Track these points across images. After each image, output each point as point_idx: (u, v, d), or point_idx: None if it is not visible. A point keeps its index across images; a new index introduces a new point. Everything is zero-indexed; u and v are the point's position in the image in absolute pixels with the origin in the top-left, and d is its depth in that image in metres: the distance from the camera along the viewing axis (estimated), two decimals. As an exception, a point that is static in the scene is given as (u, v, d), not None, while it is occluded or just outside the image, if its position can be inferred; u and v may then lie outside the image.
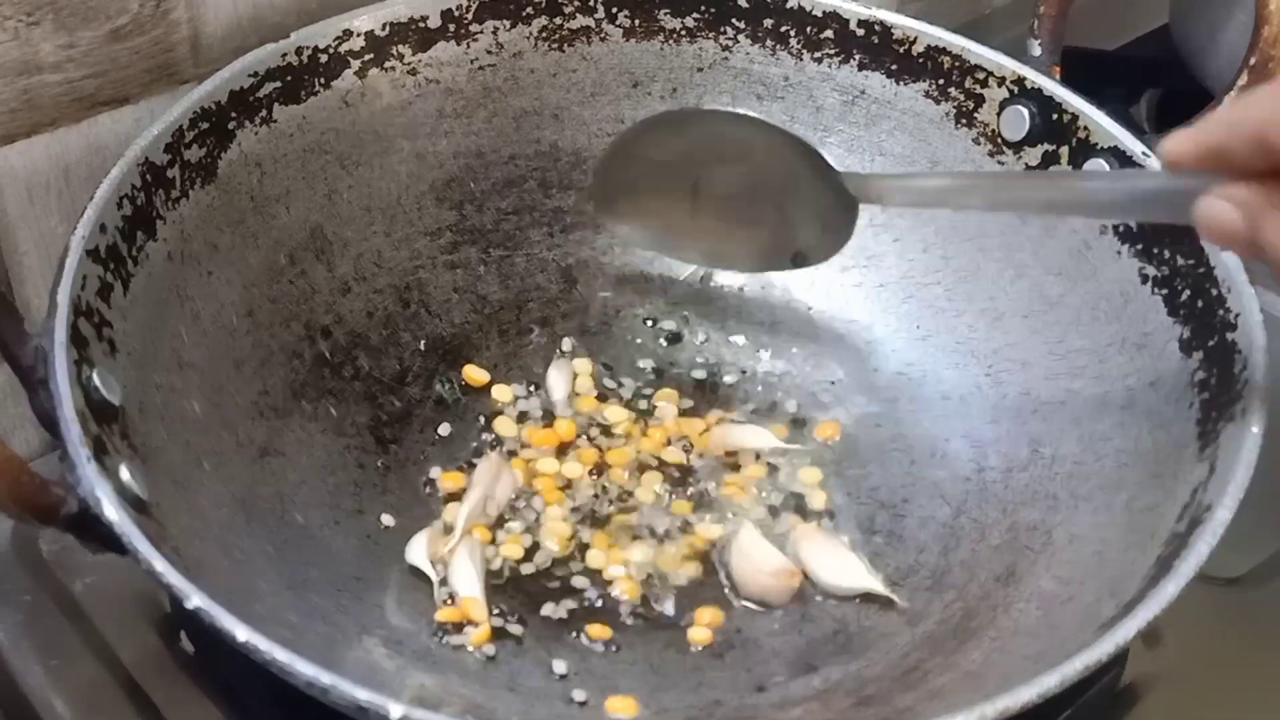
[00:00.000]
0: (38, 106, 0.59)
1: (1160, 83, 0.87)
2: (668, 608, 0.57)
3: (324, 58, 0.63)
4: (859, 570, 0.58)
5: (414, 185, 0.66)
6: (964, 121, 0.65)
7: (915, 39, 0.65)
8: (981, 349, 0.64)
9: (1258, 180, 0.45)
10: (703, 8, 0.68)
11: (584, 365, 0.66)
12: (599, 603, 0.58)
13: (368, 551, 0.57)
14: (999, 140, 0.64)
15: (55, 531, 0.45)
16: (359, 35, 0.64)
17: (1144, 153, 0.59)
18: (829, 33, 0.67)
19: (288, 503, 0.57)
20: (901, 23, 0.66)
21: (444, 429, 0.63)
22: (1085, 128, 0.61)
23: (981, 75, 0.64)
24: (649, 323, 0.69)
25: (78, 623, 0.57)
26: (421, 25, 0.65)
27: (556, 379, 0.65)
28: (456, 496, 0.60)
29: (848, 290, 0.68)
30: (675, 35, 0.68)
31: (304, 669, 0.41)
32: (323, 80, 0.63)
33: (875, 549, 0.60)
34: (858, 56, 0.67)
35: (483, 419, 0.64)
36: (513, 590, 0.58)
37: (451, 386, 0.65)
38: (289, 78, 0.61)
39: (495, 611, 0.57)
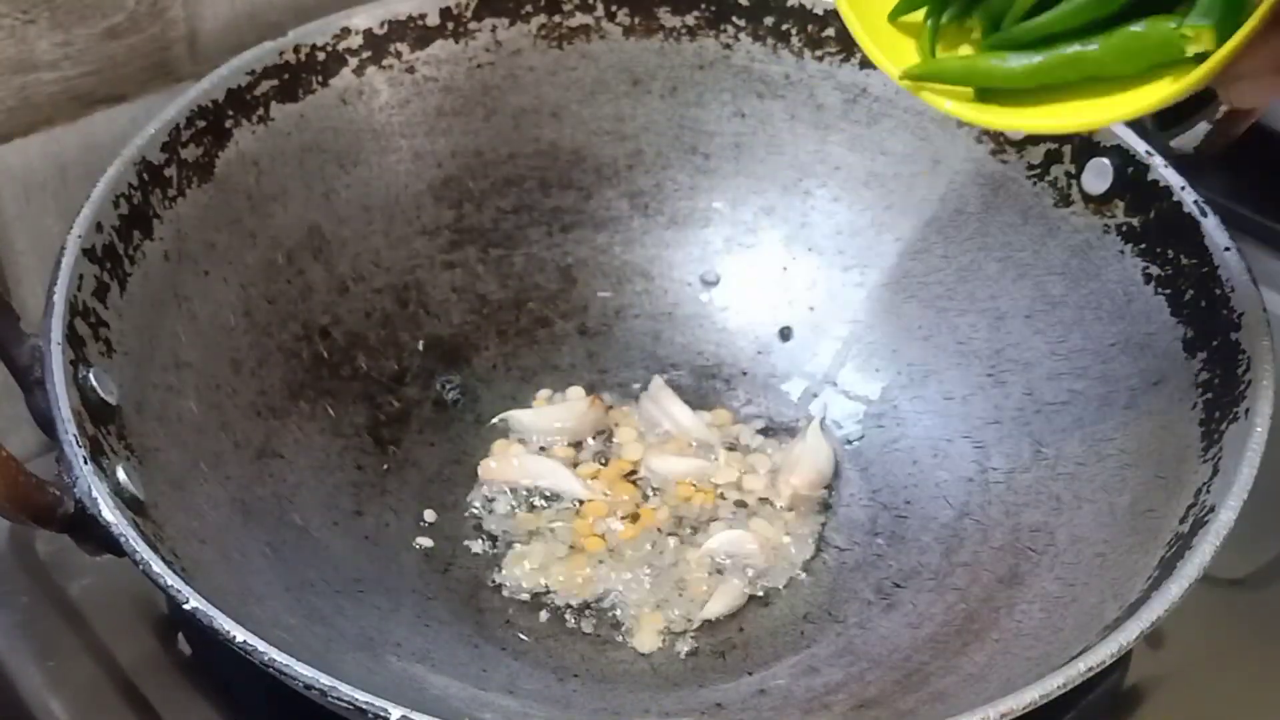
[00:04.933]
0: (34, 105, 0.58)
1: (1162, 81, 0.86)
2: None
3: (321, 56, 0.62)
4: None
5: (412, 184, 0.66)
6: (966, 120, 0.65)
7: (917, 37, 0.65)
8: (983, 349, 0.63)
9: None
10: (703, 5, 0.68)
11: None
12: (599, 605, 0.58)
13: (367, 553, 0.57)
14: (1001, 139, 0.64)
15: (52, 533, 0.45)
16: (357, 33, 0.63)
17: (1147, 151, 0.59)
18: (830, 30, 0.67)
19: (286, 504, 0.56)
20: (903, 21, 0.65)
21: (443, 430, 0.63)
22: (1088, 126, 0.61)
23: (983, 74, 0.64)
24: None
25: (75, 624, 0.56)
26: (420, 23, 0.65)
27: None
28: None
29: (848, 290, 0.67)
30: (675, 33, 0.68)
31: (302, 671, 0.41)
32: (320, 78, 0.63)
33: (878, 550, 0.60)
34: (859, 54, 0.66)
35: (481, 420, 0.64)
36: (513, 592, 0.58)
37: (450, 387, 0.65)
38: (286, 76, 0.61)
39: (498, 611, 0.57)
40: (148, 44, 0.61)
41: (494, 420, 0.64)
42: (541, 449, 0.64)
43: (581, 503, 0.61)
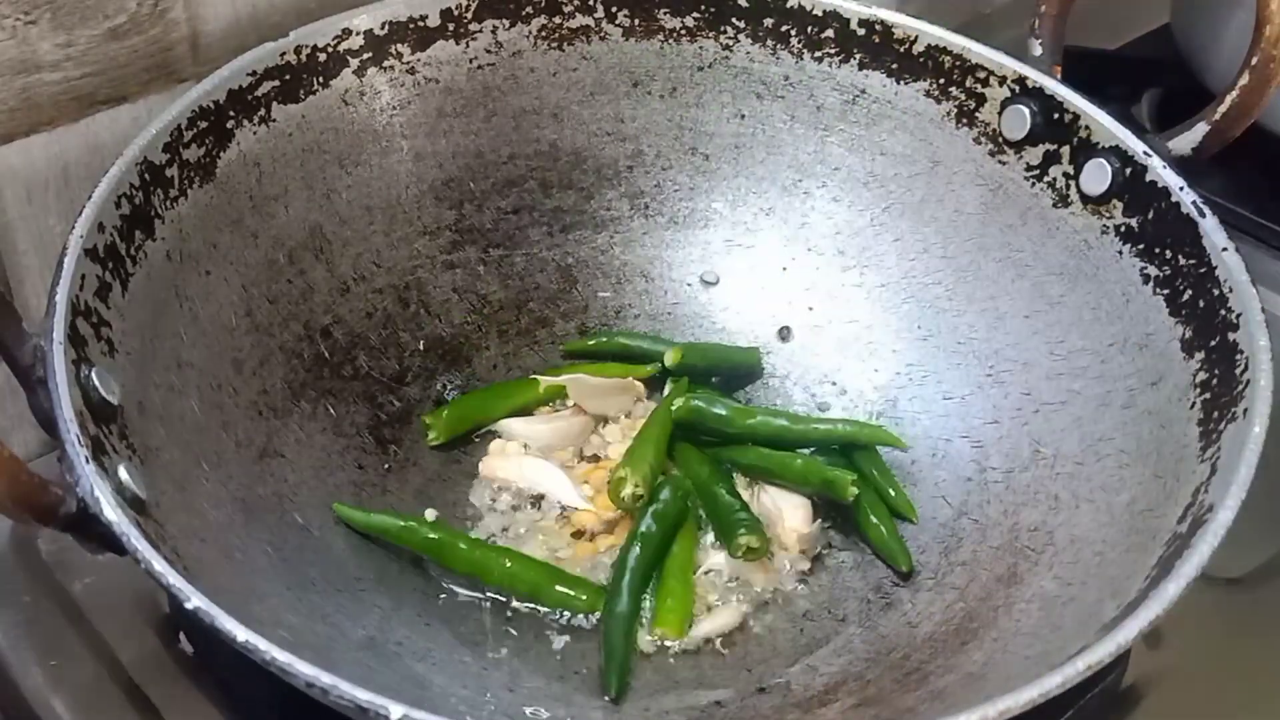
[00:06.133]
0: (36, 105, 0.58)
1: (1161, 82, 0.87)
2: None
3: (323, 57, 0.63)
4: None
5: (413, 185, 0.66)
6: (965, 121, 0.65)
7: (916, 38, 0.65)
8: (982, 349, 0.63)
9: None
10: (703, 7, 0.68)
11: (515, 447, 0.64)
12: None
13: (367, 552, 0.57)
14: (1000, 140, 0.64)
15: (54, 532, 0.45)
16: (358, 34, 0.63)
17: (1145, 152, 0.59)
18: (829, 32, 0.67)
19: (287, 503, 0.56)
20: (902, 22, 0.66)
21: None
22: (1086, 127, 0.61)
23: (982, 75, 0.64)
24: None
25: (77, 623, 0.57)
26: (421, 24, 0.65)
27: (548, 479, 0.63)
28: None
29: (848, 290, 0.68)
30: (675, 34, 0.68)
31: (304, 669, 0.41)
32: (321, 79, 0.63)
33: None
34: (858, 56, 0.67)
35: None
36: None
37: (451, 387, 0.65)
38: (288, 77, 0.61)
39: (498, 610, 0.57)
40: (149, 45, 0.61)
41: (491, 427, 0.64)
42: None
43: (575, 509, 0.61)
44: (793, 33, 0.67)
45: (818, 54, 0.67)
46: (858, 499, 0.59)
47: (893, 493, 0.61)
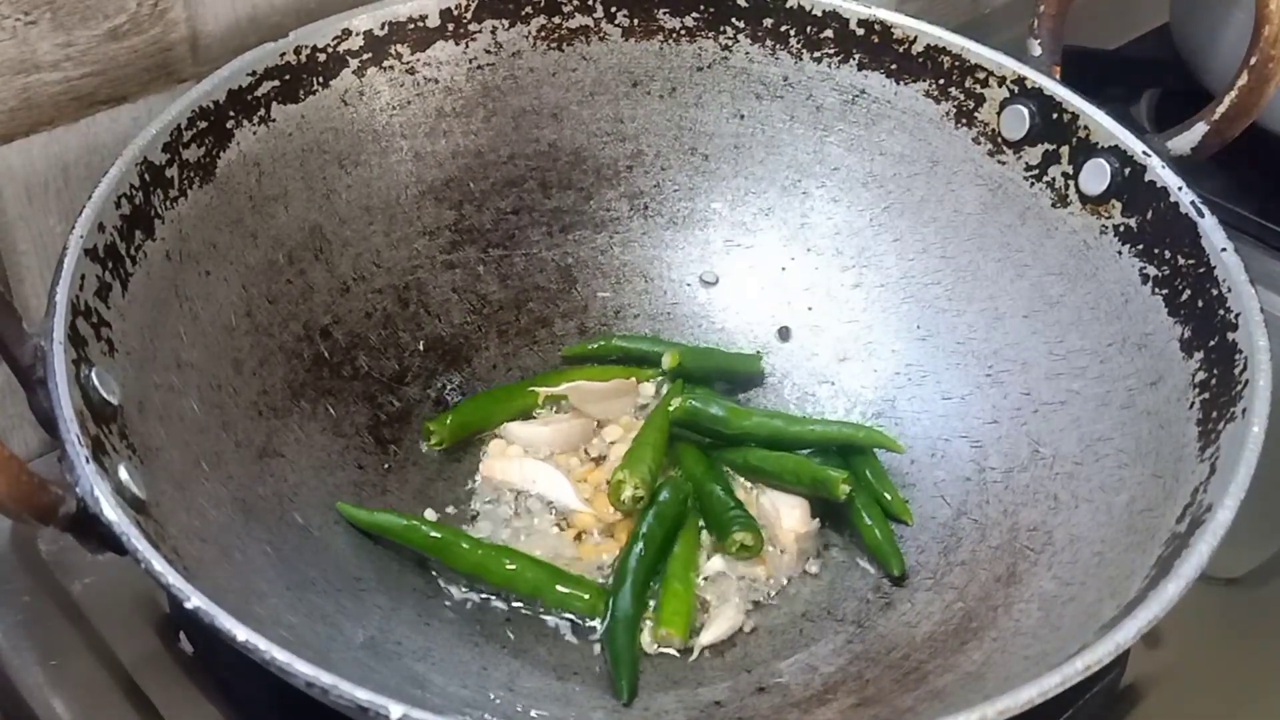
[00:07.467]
0: (36, 105, 0.59)
1: (1160, 82, 0.87)
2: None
3: (322, 57, 0.63)
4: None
5: (413, 185, 0.66)
6: (964, 121, 0.65)
7: (915, 38, 0.65)
8: (981, 349, 0.63)
9: None
10: (702, 7, 0.68)
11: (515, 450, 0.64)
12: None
13: (368, 552, 0.57)
14: (999, 140, 0.64)
15: (54, 532, 0.45)
16: (357, 34, 0.64)
17: (1144, 152, 0.59)
18: (829, 32, 0.67)
19: (287, 503, 0.56)
20: (901, 22, 0.66)
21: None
22: (1085, 127, 0.61)
23: (981, 75, 0.64)
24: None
25: (77, 623, 0.57)
26: (420, 24, 0.65)
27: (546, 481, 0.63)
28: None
29: (847, 290, 0.68)
30: (674, 35, 0.68)
31: (303, 669, 0.41)
32: (321, 79, 0.63)
33: (875, 549, 0.60)
34: (857, 56, 0.67)
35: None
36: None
37: (451, 388, 0.65)
38: (287, 77, 0.61)
39: (498, 610, 0.57)
40: (149, 45, 0.61)
41: (493, 430, 0.64)
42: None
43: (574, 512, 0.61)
44: (792, 33, 0.67)
45: (817, 54, 0.67)
46: (851, 500, 0.59)
47: (888, 495, 0.61)
